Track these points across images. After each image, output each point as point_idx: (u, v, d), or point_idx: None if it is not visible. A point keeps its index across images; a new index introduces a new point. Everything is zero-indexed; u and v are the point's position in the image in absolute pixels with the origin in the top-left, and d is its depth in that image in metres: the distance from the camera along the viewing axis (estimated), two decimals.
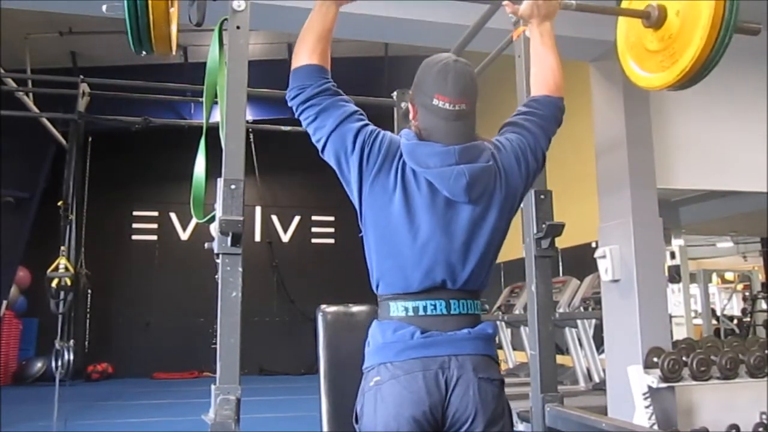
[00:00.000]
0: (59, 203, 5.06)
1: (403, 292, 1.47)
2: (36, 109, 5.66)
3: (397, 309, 1.47)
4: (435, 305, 1.46)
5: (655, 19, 1.70)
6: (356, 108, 1.55)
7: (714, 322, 9.87)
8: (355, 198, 1.51)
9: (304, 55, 1.53)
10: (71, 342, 4.94)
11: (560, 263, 6.58)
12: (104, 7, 1.44)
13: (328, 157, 1.52)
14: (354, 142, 1.48)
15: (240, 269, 1.60)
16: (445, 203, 1.46)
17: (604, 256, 3.90)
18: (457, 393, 1.39)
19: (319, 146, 1.53)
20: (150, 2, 1.34)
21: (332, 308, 2.12)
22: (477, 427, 1.39)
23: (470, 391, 1.39)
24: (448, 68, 1.48)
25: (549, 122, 1.66)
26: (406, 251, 1.45)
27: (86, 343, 10.03)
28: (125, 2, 1.34)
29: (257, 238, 11.79)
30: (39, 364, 9.61)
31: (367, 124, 1.52)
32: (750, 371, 3.68)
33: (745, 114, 4.30)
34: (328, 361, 2.05)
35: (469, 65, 1.53)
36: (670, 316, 4.90)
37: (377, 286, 1.53)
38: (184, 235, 11.55)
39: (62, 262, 4.77)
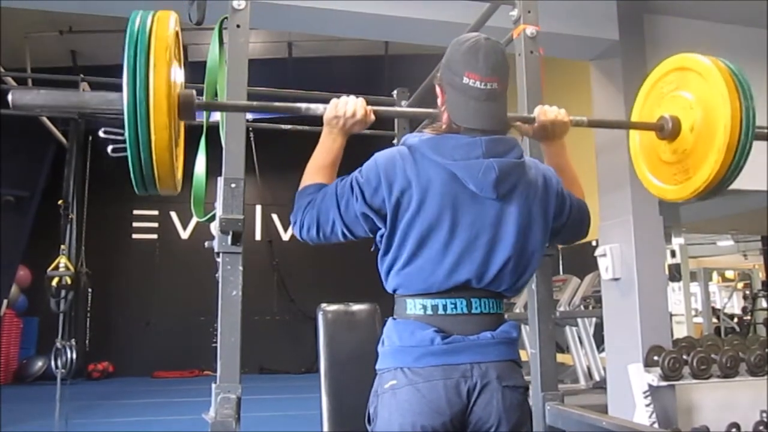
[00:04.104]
0: (59, 202, 5.06)
1: (423, 293, 1.41)
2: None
3: (415, 306, 1.41)
4: (456, 304, 1.40)
5: (668, 132, 1.64)
6: (336, 180, 1.48)
7: (714, 320, 9.86)
8: (384, 226, 1.43)
9: (307, 179, 1.52)
10: (72, 341, 4.95)
11: (560, 262, 6.58)
12: (110, 148, 1.40)
13: (361, 233, 1.45)
14: (359, 203, 1.41)
15: (240, 268, 1.60)
16: (471, 198, 1.39)
17: (604, 255, 3.90)
18: (481, 402, 1.35)
19: (348, 236, 1.46)
20: (154, 159, 1.25)
21: (332, 307, 2.12)
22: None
23: (494, 401, 1.35)
24: (479, 45, 1.40)
25: (577, 220, 1.58)
26: (428, 252, 1.39)
27: (87, 341, 10.02)
28: (129, 159, 1.26)
29: (258, 236, 11.78)
30: (40, 363, 9.60)
31: (351, 179, 1.44)
32: (750, 370, 3.69)
33: None
34: (328, 360, 2.05)
35: (500, 44, 1.46)
36: (671, 315, 4.90)
37: (395, 291, 1.47)
38: (184, 234, 11.55)
39: (62, 260, 4.78)
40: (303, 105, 1.56)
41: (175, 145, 1.35)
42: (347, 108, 1.48)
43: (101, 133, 1.45)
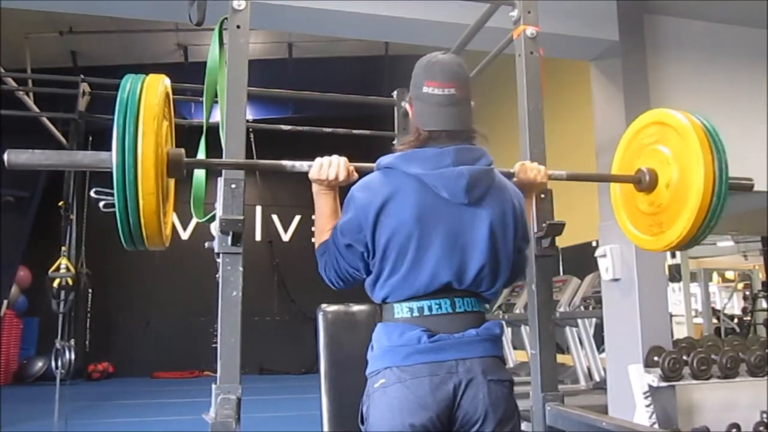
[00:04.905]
0: (60, 203, 5.06)
1: (409, 298, 1.47)
2: (36, 109, 5.66)
3: (402, 310, 1.48)
4: (440, 304, 1.46)
5: (646, 185, 1.72)
6: (333, 230, 1.54)
7: (714, 321, 9.86)
8: (366, 249, 1.49)
9: (319, 237, 1.60)
10: (72, 341, 4.95)
11: (561, 262, 6.58)
12: (102, 203, 1.43)
13: (364, 260, 1.50)
14: (345, 237, 1.49)
15: (240, 268, 1.61)
16: (445, 205, 1.46)
17: (604, 255, 3.90)
18: (467, 397, 1.40)
19: (364, 273, 1.53)
20: (142, 220, 1.30)
21: (332, 307, 2.12)
22: (487, 427, 1.41)
23: (480, 394, 1.40)
24: (437, 59, 1.54)
25: (525, 260, 1.65)
26: (410, 260, 1.45)
27: (87, 342, 10.02)
28: (118, 219, 1.30)
29: (258, 237, 11.79)
30: (40, 364, 9.61)
31: (338, 224, 1.52)
32: (750, 370, 3.68)
33: (746, 113, 4.29)
34: (328, 360, 2.05)
35: (457, 57, 1.58)
36: (671, 315, 4.90)
37: (384, 300, 1.53)
38: (184, 235, 11.53)
39: (63, 261, 4.79)
40: (288, 163, 1.62)
41: (164, 201, 1.39)
42: (329, 171, 1.56)
43: (92, 194, 1.50)
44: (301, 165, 1.62)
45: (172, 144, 1.54)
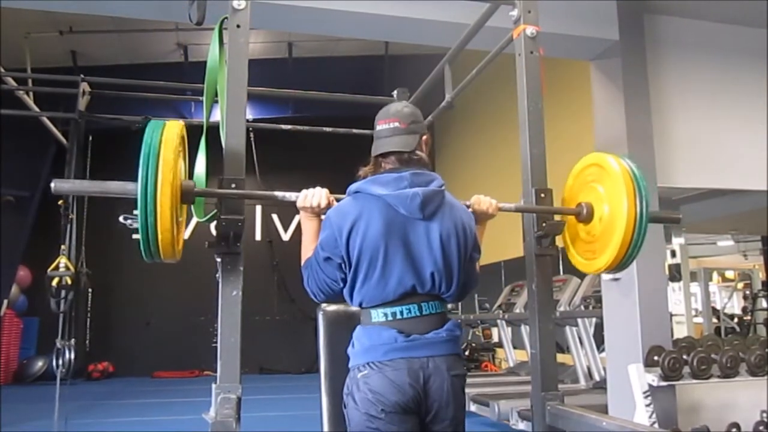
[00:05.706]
0: (60, 202, 5.06)
1: (382, 303, 1.72)
2: (36, 109, 5.65)
3: (378, 315, 1.73)
4: (410, 309, 1.73)
5: (584, 217, 1.94)
6: (315, 248, 1.78)
7: (714, 320, 9.86)
8: (342, 260, 1.72)
9: (304, 254, 1.84)
10: (72, 341, 4.94)
11: (560, 262, 6.58)
12: (129, 221, 1.72)
13: (342, 271, 1.74)
14: (324, 253, 1.73)
15: (240, 268, 1.61)
16: (404, 220, 1.71)
17: None
18: (435, 387, 1.69)
19: (342, 285, 1.76)
20: (159, 239, 1.53)
21: (332, 307, 2.12)
22: (449, 412, 1.70)
23: (445, 386, 1.69)
24: (387, 106, 1.86)
25: (475, 274, 1.88)
26: (379, 269, 1.69)
27: (87, 342, 10.01)
28: (141, 237, 1.54)
29: (258, 237, 11.78)
30: (40, 363, 9.61)
31: (317, 244, 1.77)
32: (750, 370, 3.69)
33: (746, 113, 4.30)
34: (328, 360, 2.05)
35: (406, 102, 1.92)
36: (671, 315, 4.90)
37: (360, 304, 1.76)
38: (185, 234, 11.53)
39: (63, 261, 4.77)
40: (279, 194, 1.79)
41: (178, 221, 1.62)
42: (313, 201, 1.80)
43: (121, 219, 1.90)
44: (290, 195, 1.78)
45: (186, 176, 1.73)
